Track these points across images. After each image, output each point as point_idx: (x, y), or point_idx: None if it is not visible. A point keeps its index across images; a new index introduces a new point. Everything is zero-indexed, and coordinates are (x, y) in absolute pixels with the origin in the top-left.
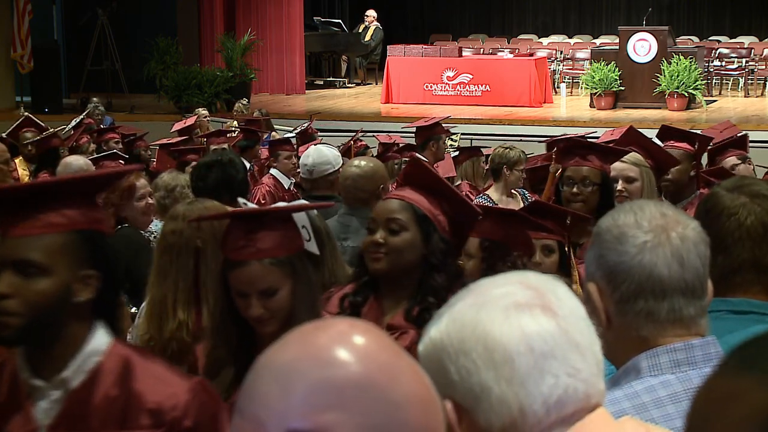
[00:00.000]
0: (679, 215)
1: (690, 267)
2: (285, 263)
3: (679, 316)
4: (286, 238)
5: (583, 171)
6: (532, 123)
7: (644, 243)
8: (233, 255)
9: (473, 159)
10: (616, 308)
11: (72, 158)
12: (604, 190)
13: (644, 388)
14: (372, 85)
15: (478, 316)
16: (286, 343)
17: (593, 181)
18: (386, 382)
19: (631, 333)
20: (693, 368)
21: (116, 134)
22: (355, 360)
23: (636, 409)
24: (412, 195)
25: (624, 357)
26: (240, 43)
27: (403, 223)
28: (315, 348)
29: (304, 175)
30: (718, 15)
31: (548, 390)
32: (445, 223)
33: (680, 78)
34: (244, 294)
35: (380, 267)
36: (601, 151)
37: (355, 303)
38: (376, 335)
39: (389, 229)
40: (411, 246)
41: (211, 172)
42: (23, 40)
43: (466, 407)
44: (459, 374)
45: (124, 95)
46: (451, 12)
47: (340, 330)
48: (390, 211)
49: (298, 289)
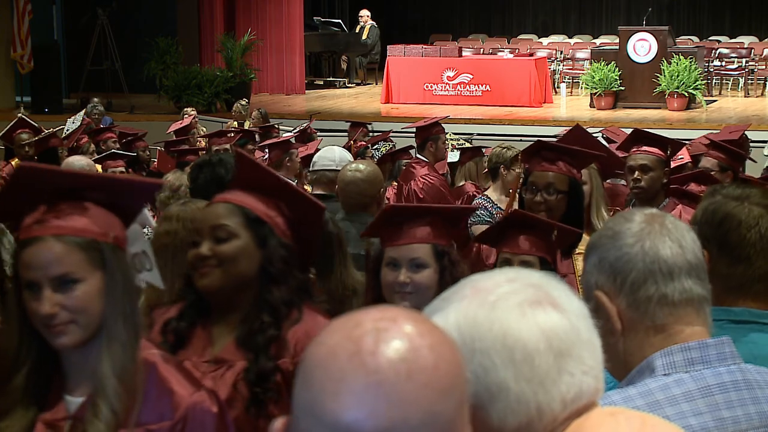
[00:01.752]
0: (665, 213)
1: (689, 249)
2: (92, 249)
3: (690, 296)
4: (101, 220)
5: (548, 176)
6: (532, 123)
7: (640, 231)
8: (23, 234)
9: (476, 159)
10: (627, 303)
11: (74, 158)
12: (573, 199)
13: (658, 386)
14: (372, 85)
15: (493, 313)
16: None
17: (559, 188)
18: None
19: (646, 324)
20: (707, 367)
21: (113, 134)
22: None
23: (650, 407)
24: (242, 197)
25: (638, 359)
26: (240, 43)
27: (231, 229)
28: None
29: (309, 170)
30: (718, 15)
31: (566, 388)
32: (284, 226)
33: (680, 78)
34: (33, 285)
35: (210, 282)
36: (570, 154)
37: (179, 329)
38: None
39: (216, 238)
40: (244, 255)
41: (201, 172)
42: (23, 40)
43: (478, 405)
44: (474, 372)
45: (124, 95)
46: (451, 12)
47: None
48: (215, 218)
49: (109, 290)
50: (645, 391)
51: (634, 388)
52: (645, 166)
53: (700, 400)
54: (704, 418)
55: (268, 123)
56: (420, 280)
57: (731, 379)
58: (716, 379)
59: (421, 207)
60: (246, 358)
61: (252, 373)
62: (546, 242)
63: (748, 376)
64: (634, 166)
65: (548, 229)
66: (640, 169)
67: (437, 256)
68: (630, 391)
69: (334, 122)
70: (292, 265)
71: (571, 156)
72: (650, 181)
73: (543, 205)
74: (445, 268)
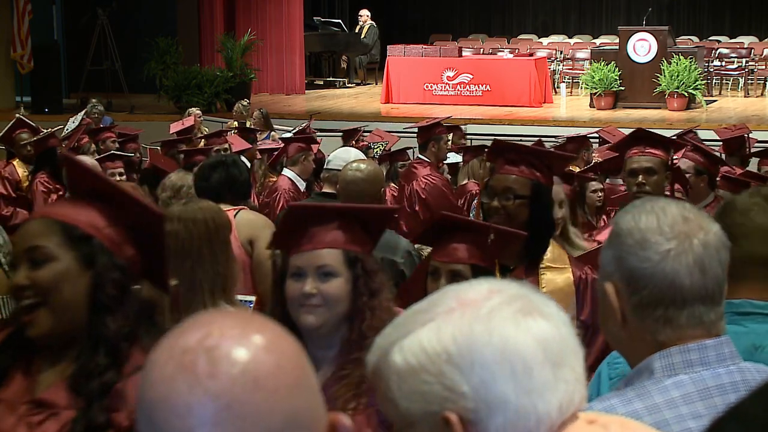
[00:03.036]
0: (701, 219)
1: (711, 274)
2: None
3: (698, 322)
4: None
5: (507, 180)
6: (532, 123)
7: (667, 251)
8: None
9: (479, 158)
10: (633, 312)
11: (81, 158)
12: (536, 205)
13: (657, 388)
14: (372, 85)
15: (490, 325)
16: None
17: (519, 192)
18: None
19: (646, 336)
20: (706, 368)
21: (112, 134)
22: None
23: (648, 410)
24: (63, 209)
25: (638, 356)
26: (240, 43)
27: (47, 251)
28: None
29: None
30: (718, 15)
31: (561, 396)
32: (118, 240)
33: (680, 78)
34: None
35: (39, 332)
36: (537, 156)
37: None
38: None
39: (32, 261)
40: (64, 280)
41: (214, 172)
42: (23, 40)
43: (474, 420)
44: (473, 387)
45: (124, 95)
46: (451, 12)
47: None
48: (30, 238)
49: None
50: (643, 393)
51: (632, 391)
52: (650, 169)
53: (699, 403)
54: (703, 421)
55: (269, 123)
56: (329, 290)
57: (730, 381)
58: (715, 380)
59: (328, 207)
60: (75, 405)
61: (80, 425)
62: (479, 248)
63: (748, 377)
64: (637, 169)
65: (481, 232)
66: (645, 173)
67: (349, 263)
68: (628, 394)
69: (335, 122)
70: (126, 287)
71: (539, 158)
72: (655, 185)
73: (501, 211)
74: (359, 278)
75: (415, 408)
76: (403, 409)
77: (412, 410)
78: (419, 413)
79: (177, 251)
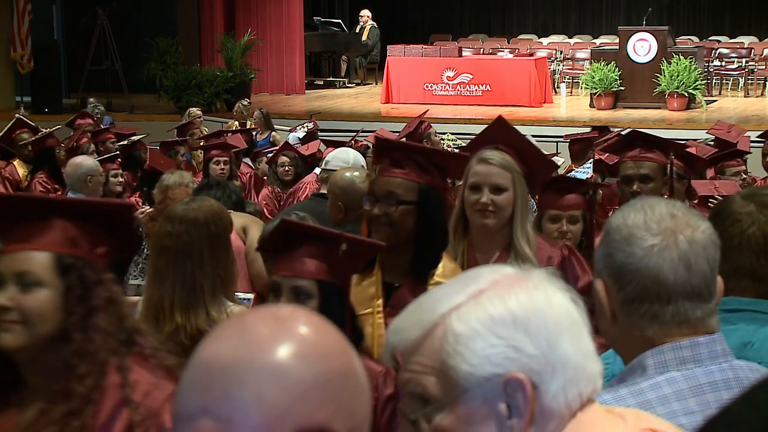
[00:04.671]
0: (690, 217)
1: (697, 271)
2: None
3: (684, 318)
4: None
5: (390, 184)
6: (532, 123)
7: (651, 246)
8: None
9: None
10: (621, 308)
11: (81, 158)
12: (424, 212)
13: (649, 385)
14: (372, 85)
15: (546, 293)
16: None
17: (403, 198)
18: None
19: (635, 333)
20: (699, 366)
21: (112, 134)
22: None
23: (641, 407)
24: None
25: (630, 353)
26: (240, 43)
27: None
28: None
29: (322, 168)
30: (718, 15)
31: (597, 363)
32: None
33: (680, 78)
34: None
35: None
36: (426, 155)
37: None
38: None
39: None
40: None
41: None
42: (23, 40)
43: (536, 382)
44: (538, 347)
45: (124, 95)
46: (451, 12)
47: None
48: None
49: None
50: (636, 390)
51: (625, 388)
52: (646, 177)
53: (692, 399)
54: (695, 417)
55: (270, 123)
56: (30, 304)
57: (722, 378)
58: (708, 377)
59: (40, 199)
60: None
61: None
62: (327, 261)
63: (740, 374)
64: (632, 176)
65: (331, 241)
66: (640, 180)
67: (61, 271)
68: (621, 391)
69: (335, 122)
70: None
71: (427, 158)
72: (652, 193)
73: (384, 219)
74: (72, 288)
75: (477, 372)
76: (463, 374)
77: (474, 374)
78: (480, 377)
79: (178, 253)
